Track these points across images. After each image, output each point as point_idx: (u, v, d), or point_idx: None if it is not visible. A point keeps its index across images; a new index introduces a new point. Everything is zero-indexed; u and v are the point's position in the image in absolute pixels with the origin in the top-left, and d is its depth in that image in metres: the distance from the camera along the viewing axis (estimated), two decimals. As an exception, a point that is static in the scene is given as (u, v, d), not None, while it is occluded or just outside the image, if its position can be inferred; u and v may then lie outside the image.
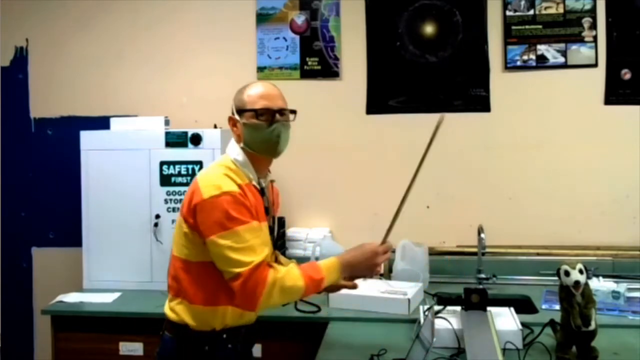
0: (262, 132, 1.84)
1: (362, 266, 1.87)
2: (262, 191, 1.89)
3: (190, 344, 1.83)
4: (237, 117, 1.88)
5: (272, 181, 2.00)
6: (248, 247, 1.72)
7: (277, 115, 1.85)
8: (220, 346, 1.84)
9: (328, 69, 3.21)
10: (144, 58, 3.32)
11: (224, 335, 1.84)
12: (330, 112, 3.22)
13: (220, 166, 1.85)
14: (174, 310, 1.86)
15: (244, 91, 1.90)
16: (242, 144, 1.87)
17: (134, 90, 3.32)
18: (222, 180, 1.76)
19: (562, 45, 3.06)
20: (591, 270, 2.33)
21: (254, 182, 1.87)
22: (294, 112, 1.92)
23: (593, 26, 3.04)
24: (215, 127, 2.95)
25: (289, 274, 1.76)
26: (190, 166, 2.86)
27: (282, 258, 2.16)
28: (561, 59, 3.06)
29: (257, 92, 1.87)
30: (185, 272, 1.83)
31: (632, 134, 3.01)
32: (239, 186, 1.77)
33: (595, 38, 3.04)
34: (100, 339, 2.62)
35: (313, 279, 1.77)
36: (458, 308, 2.16)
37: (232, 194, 1.73)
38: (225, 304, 1.81)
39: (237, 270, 1.70)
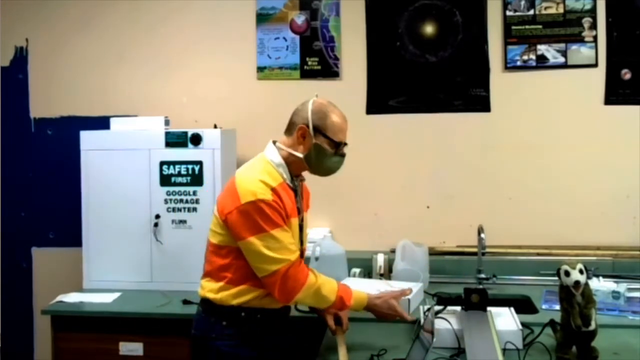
0: (329, 159, 2.01)
1: (379, 314, 2.11)
2: (295, 191, 2.03)
3: (212, 317, 1.99)
4: (311, 132, 1.97)
5: (301, 181, 2.13)
6: (282, 247, 1.89)
7: (343, 149, 2.03)
8: (237, 322, 1.97)
9: (328, 69, 3.21)
10: (144, 58, 3.32)
11: (242, 314, 1.97)
12: (330, 112, 3.21)
13: (257, 170, 1.97)
14: (202, 286, 2.05)
15: (330, 115, 1.99)
16: (301, 154, 1.99)
17: (134, 90, 3.32)
18: (257, 187, 1.89)
19: (562, 45, 3.06)
20: (591, 270, 2.33)
21: (288, 182, 2.00)
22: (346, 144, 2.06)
23: (593, 26, 3.04)
24: (215, 127, 2.95)
25: (327, 285, 1.98)
26: (190, 166, 2.86)
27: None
28: (561, 59, 3.06)
29: (340, 124, 2.00)
30: (216, 255, 2.00)
31: (632, 134, 3.01)
32: (273, 189, 1.90)
33: (595, 38, 3.04)
34: (100, 339, 2.62)
35: (343, 301, 2.00)
36: (458, 308, 2.16)
37: (266, 201, 1.88)
38: (243, 284, 1.96)
39: (275, 267, 1.88)
